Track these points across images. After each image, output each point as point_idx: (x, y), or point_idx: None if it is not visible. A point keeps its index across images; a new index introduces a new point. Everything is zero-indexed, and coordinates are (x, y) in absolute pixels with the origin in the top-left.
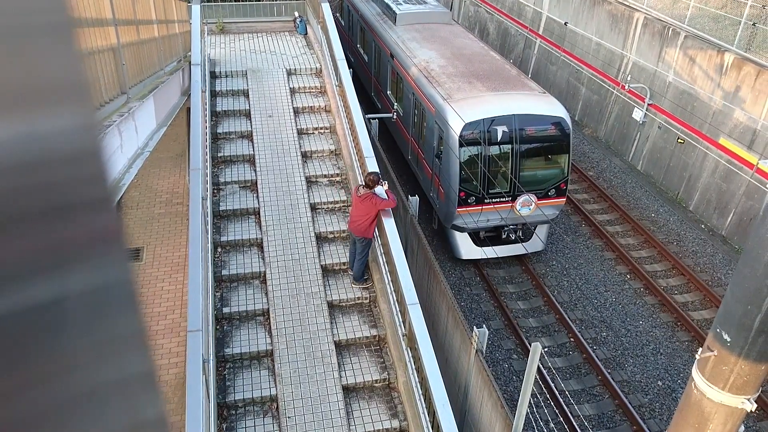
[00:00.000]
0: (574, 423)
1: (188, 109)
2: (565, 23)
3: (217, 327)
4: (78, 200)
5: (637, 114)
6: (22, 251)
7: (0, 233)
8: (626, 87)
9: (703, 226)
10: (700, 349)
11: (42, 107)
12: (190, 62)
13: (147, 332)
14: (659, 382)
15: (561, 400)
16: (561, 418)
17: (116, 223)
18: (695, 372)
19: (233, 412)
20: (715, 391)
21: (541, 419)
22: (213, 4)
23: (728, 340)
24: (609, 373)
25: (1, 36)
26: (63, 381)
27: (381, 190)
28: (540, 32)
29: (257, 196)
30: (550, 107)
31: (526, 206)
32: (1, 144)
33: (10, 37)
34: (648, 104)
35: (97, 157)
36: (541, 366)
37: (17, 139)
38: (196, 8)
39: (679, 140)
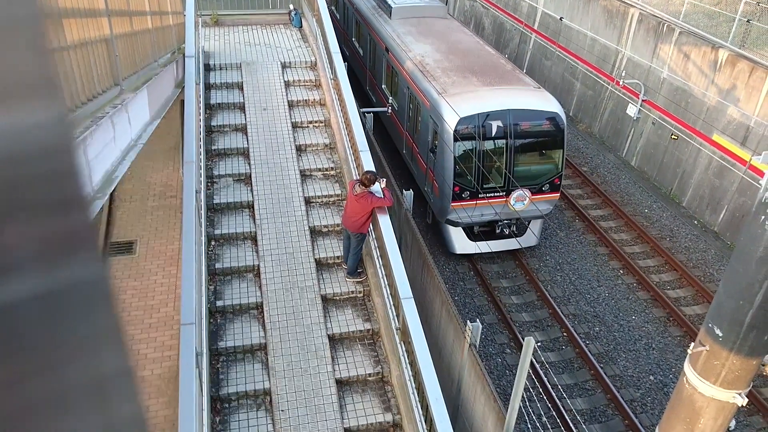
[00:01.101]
0: (567, 417)
1: (182, 102)
2: (561, 18)
3: (211, 320)
4: (48, 197)
5: (632, 110)
6: None
7: None
8: (621, 83)
9: (696, 221)
10: (692, 343)
11: (10, 103)
12: (184, 54)
13: (124, 329)
14: (651, 377)
15: (554, 394)
16: (553, 412)
17: (89, 219)
18: (687, 366)
19: (227, 405)
20: (707, 386)
21: (533, 413)
22: None
23: (720, 335)
24: (601, 367)
25: None
26: (37, 380)
27: (378, 188)
28: (535, 27)
29: (251, 190)
30: (545, 102)
31: (520, 201)
32: None
33: None
34: (642, 100)
35: (68, 153)
36: (534, 360)
37: None
38: (190, 0)
39: (672, 136)
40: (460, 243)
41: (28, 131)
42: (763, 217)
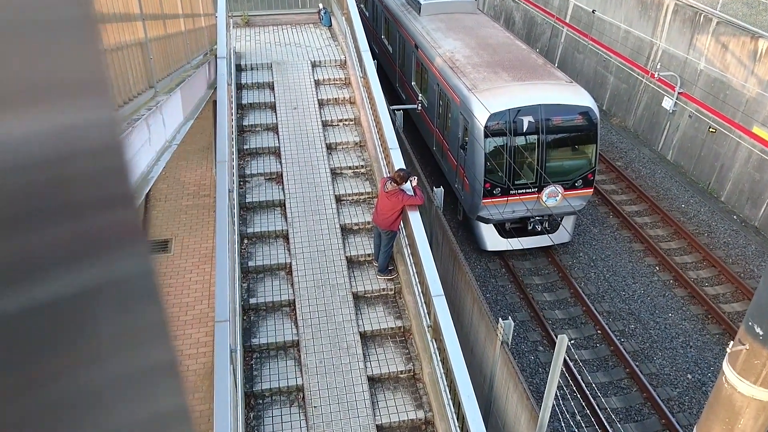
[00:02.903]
0: (601, 416)
1: (214, 102)
2: (593, 11)
3: (244, 317)
4: (100, 194)
5: (667, 103)
6: (46, 245)
7: (24, 227)
8: (656, 75)
9: (735, 217)
10: (732, 342)
11: (65, 102)
12: (216, 55)
13: (169, 323)
14: (689, 376)
15: (588, 392)
16: (588, 411)
17: (138, 216)
18: (726, 366)
19: (260, 401)
20: (747, 386)
21: (567, 411)
22: None
23: (761, 333)
24: (637, 365)
25: (25, 31)
26: (86, 372)
27: (409, 186)
28: (567, 20)
29: (282, 188)
30: (577, 97)
31: (552, 197)
32: (26, 139)
33: (34, 31)
34: (678, 93)
35: (118, 151)
36: (567, 358)
37: (41, 134)
38: (221, 1)
39: (710, 129)
40: (492, 240)
41: (81, 129)
42: None
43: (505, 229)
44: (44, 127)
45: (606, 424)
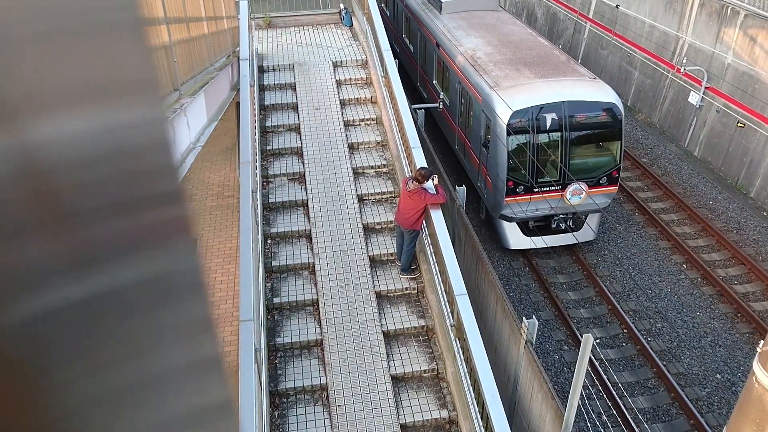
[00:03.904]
0: (628, 416)
1: (237, 104)
2: (617, 6)
3: (268, 317)
4: (152, 190)
5: (694, 98)
6: (103, 238)
7: (84, 222)
8: (682, 70)
9: (765, 213)
10: (762, 341)
11: (118, 101)
12: (238, 57)
13: (213, 317)
14: (718, 375)
15: (614, 392)
16: (614, 411)
17: (186, 212)
18: (756, 365)
19: (284, 400)
20: None
21: (593, 411)
22: None
23: None
24: (664, 365)
25: (80, 32)
26: (134, 365)
27: (430, 185)
28: (590, 16)
29: (305, 188)
30: (601, 93)
31: (576, 195)
32: (84, 137)
33: (87, 33)
34: (705, 87)
35: (168, 149)
36: (592, 357)
37: (96, 132)
38: (243, 4)
39: (739, 124)
40: (515, 238)
41: (134, 128)
42: None
43: (528, 227)
44: (100, 125)
45: (633, 424)
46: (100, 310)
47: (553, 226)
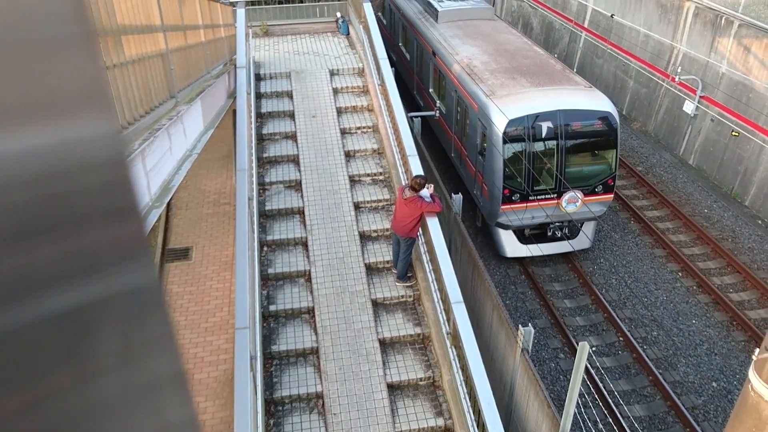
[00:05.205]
0: (624, 424)
1: (234, 111)
2: (612, 15)
3: (264, 324)
4: (102, 208)
5: (689, 107)
6: (48, 260)
7: (26, 243)
8: (676, 79)
9: (760, 221)
10: (757, 349)
11: (64, 118)
12: (235, 65)
13: (176, 334)
14: (714, 384)
15: (610, 400)
16: (610, 419)
17: (142, 229)
18: (752, 374)
19: (280, 408)
20: None
21: (589, 420)
22: (257, 7)
23: None
24: (660, 373)
25: (22, 48)
26: (93, 385)
27: (426, 193)
28: (585, 25)
29: (302, 196)
30: (597, 102)
31: (572, 203)
32: (25, 155)
33: (31, 49)
34: (700, 96)
35: (120, 165)
36: (588, 365)
37: (39, 149)
38: (240, 12)
39: (733, 133)
40: (511, 246)
41: (80, 144)
42: None
43: (524, 235)
44: (42, 142)
45: None
46: (49, 333)
47: (549, 234)
